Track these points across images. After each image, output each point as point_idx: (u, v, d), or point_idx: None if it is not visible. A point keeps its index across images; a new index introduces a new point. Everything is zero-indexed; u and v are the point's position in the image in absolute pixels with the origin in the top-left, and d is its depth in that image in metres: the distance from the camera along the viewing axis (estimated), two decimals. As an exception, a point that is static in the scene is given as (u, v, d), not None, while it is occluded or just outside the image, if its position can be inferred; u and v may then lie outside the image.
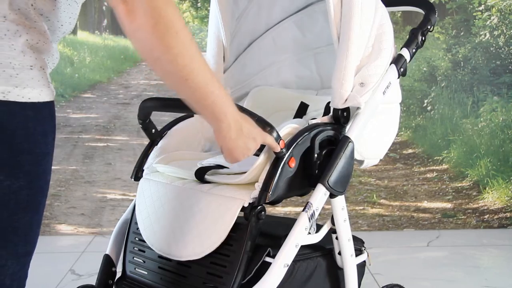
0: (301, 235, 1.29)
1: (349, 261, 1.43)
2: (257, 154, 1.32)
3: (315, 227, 1.34)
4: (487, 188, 3.05)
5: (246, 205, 1.28)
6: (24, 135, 0.96)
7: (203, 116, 1.11)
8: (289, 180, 1.30)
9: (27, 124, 0.96)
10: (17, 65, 0.95)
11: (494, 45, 2.99)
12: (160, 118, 1.58)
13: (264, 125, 1.23)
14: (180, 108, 1.46)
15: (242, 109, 1.28)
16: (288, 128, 1.36)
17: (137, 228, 1.45)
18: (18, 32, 0.96)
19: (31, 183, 0.98)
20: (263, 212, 1.27)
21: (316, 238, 1.36)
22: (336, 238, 1.42)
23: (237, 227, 1.28)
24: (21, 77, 0.95)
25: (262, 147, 1.55)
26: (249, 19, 1.74)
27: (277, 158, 1.28)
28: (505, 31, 2.99)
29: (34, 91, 0.97)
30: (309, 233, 1.31)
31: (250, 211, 1.27)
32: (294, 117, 1.69)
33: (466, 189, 3.07)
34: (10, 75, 0.94)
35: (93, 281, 1.56)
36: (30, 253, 1.02)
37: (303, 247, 1.31)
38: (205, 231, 1.30)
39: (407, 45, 1.55)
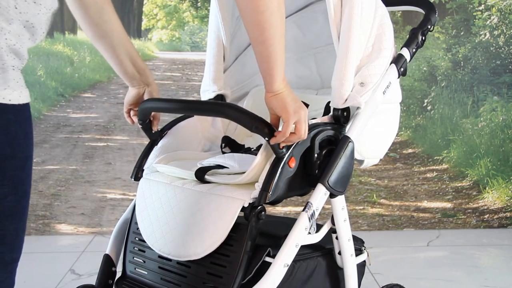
0: (301, 235, 1.29)
1: (349, 261, 1.43)
2: (257, 154, 1.32)
3: (315, 227, 1.34)
4: (487, 188, 3.04)
5: (246, 205, 1.28)
6: (6, 140, 0.92)
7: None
8: (289, 180, 1.30)
9: (9, 128, 0.92)
10: (0, 65, 0.91)
11: (494, 45, 2.99)
12: (160, 118, 1.58)
13: (264, 125, 1.23)
14: (179, 108, 1.46)
15: (241, 110, 1.28)
16: (288, 127, 1.36)
17: (137, 228, 1.45)
18: (1, 31, 0.92)
19: (16, 188, 0.94)
20: (263, 212, 1.27)
21: (316, 238, 1.36)
22: (336, 238, 1.42)
23: (237, 227, 1.28)
24: (3, 77, 0.91)
25: (260, 146, 1.55)
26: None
27: (277, 158, 1.28)
28: (505, 31, 2.98)
29: (15, 93, 0.93)
30: (309, 233, 1.31)
31: (250, 211, 1.27)
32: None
33: (466, 189, 3.07)
34: None
35: (93, 281, 1.56)
36: (16, 260, 0.99)
37: (303, 247, 1.31)
38: (205, 231, 1.30)
39: (407, 44, 1.56)
